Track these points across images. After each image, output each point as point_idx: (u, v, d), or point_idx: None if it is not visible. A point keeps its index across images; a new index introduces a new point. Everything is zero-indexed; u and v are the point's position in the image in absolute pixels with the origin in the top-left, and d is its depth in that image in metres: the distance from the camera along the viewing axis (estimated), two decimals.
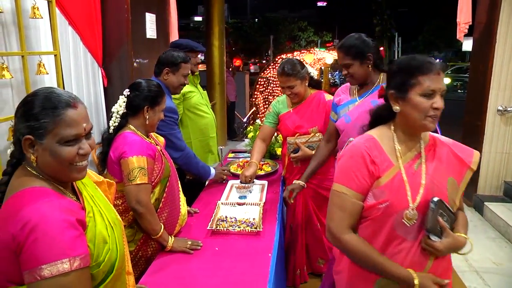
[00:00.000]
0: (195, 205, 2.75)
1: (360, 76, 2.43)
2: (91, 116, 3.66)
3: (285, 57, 10.89)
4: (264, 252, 2.10)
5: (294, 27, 29.83)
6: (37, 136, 1.17)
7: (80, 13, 3.37)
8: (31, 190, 1.16)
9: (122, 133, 2.16)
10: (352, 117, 2.43)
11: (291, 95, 3.03)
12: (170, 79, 2.86)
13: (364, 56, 2.38)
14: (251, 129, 4.06)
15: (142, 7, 4.19)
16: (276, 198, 2.85)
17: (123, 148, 2.07)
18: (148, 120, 2.21)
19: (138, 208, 2.05)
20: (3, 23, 2.66)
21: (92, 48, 3.59)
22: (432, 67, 1.48)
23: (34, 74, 2.83)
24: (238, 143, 8.56)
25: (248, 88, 10.80)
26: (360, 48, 2.38)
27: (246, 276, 1.89)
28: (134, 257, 2.20)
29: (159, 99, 2.25)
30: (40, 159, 1.19)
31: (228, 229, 2.32)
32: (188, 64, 2.91)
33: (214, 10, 7.59)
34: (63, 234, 1.09)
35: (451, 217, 1.57)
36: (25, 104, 1.19)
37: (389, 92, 1.60)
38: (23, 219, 1.08)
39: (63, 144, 1.18)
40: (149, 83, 2.25)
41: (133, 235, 2.21)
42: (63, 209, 1.14)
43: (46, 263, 1.06)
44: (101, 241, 1.24)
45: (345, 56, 2.41)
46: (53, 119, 1.16)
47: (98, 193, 1.43)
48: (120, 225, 1.41)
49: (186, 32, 27.68)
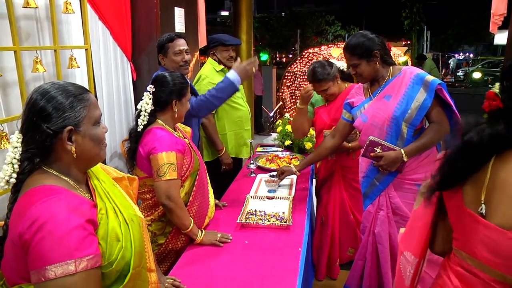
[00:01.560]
0: (223, 198, 2.76)
1: (369, 74, 2.40)
2: (120, 109, 3.70)
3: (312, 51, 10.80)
4: (294, 246, 2.09)
5: (321, 21, 29.53)
6: (75, 125, 1.19)
7: (110, 8, 3.40)
8: (42, 188, 1.16)
9: (150, 129, 2.16)
10: (368, 116, 2.40)
11: (327, 97, 3.05)
12: (167, 64, 2.83)
13: (370, 54, 2.34)
14: (279, 123, 4.05)
15: (171, 2, 4.21)
16: (305, 192, 2.82)
17: (153, 144, 2.07)
18: (177, 113, 2.22)
19: (168, 203, 2.06)
20: (37, 19, 2.70)
21: (121, 42, 3.62)
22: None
23: (66, 68, 2.87)
24: (265, 137, 8.55)
25: (275, 82, 10.76)
26: (366, 47, 2.34)
27: (275, 270, 1.88)
28: (164, 250, 2.21)
29: (184, 90, 2.24)
30: (80, 148, 1.21)
31: (257, 222, 2.31)
32: (176, 41, 2.83)
33: (242, 4, 7.56)
34: (70, 234, 1.08)
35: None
36: (49, 100, 1.18)
37: None
38: (31, 217, 1.08)
39: (96, 125, 1.26)
40: (172, 75, 2.24)
41: (163, 228, 2.22)
42: (72, 208, 1.13)
43: (51, 264, 1.05)
44: (113, 238, 1.23)
45: (352, 57, 2.39)
46: (85, 104, 1.22)
47: (116, 189, 1.42)
48: (139, 222, 1.38)
49: (213, 26, 27.72)
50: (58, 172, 1.22)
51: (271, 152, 3.77)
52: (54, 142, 1.18)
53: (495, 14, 4.85)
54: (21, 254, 1.10)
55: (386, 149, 2.33)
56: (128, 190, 1.55)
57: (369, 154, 2.37)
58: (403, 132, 2.31)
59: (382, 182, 2.44)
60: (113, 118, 3.58)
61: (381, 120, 2.34)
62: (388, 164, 2.32)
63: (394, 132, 2.32)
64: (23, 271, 1.11)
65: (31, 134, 1.17)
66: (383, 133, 2.35)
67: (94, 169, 1.40)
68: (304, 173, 3.22)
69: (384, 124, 2.33)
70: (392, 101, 2.32)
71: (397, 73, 2.38)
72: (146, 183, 2.18)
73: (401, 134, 2.31)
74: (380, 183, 2.44)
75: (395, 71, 2.41)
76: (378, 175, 2.44)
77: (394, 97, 2.33)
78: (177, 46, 2.82)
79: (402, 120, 2.28)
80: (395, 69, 2.42)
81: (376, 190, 2.46)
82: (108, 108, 3.49)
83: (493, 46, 24.76)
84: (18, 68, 2.43)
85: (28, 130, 1.18)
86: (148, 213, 2.21)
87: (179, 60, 2.83)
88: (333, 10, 36.15)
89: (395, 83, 2.36)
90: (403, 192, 2.42)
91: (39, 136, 1.16)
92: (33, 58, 2.55)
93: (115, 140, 3.62)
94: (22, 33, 2.57)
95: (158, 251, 2.20)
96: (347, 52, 2.42)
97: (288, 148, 3.83)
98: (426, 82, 2.24)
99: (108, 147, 3.50)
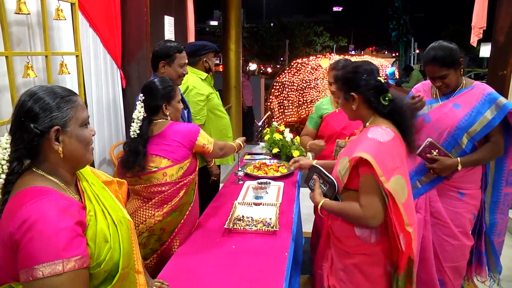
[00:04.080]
0: (212, 204, 2.78)
1: (455, 83, 2.44)
2: (110, 116, 3.72)
3: (301, 61, 10.88)
4: (280, 251, 2.12)
5: (310, 32, 29.75)
6: (62, 126, 1.22)
7: (101, 15, 3.43)
8: (32, 189, 1.18)
9: (169, 124, 2.31)
10: (432, 118, 2.48)
11: (333, 93, 2.99)
12: (167, 72, 2.80)
13: (458, 62, 2.38)
14: (267, 131, 4.08)
15: (161, 10, 4.26)
16: (292, 199, 2.86)
17: (189, 134, 2.32)
18: (170, 115, 2.35)
19: (224, 152, 2.60)
20: (29, 25, 2.72)
21: (111, 49, 3.65)
22: None
23: (57, 74, 2.89)
24: (253, 146, 8.58)
25: (263, 92, 10.82)
26: (454, 56, 2.36)
27: (262, 273, 1.91)
28: (175, 235, 2.32)
29: (172, 93, 2.36)
30: (67, 148, 1.24)
31: (245, 228, 2.34)
32: (183, 54, 2.84)
33: (231, 14, 7.63)
34: (59, 235, 1.10)
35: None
36: (37, 101, 1.20)
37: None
38: (21, 218, 1.10)
39: (83, 127, 1.29)
40: (160, 81, 2.35)
41: (176, 219, 2.31)
42: (62, 210, 1.15)
43: (39, 263, 1.07)
44: (102, 240, 1.25)
45: (441, 68, 2.37)
46: (72, 105, 1.26)
47: (106, 192, 1.44)
48: (127, 224, 1.41)
49: (202, 36, 27.84)
50: (46, 173, 1.24)
51: (258, 160, 3.80)
52: (41, 142, 1.21)
53: (475, 27, 5.00)
54: (11, 254, 1.11)
55: (443, 153, 2.41)
56: (117, 194, 1.57)
57: (425, 155, 2.43)
58: (462, 143, 2.39)
59: (425, 185, 2.51)
60: (102, 125, 3.60)
61: (444, 125, 2.42)
62: (441, 169, 2.40)
63: (453, 141, 2.41)
64: (13, 271, 1.13)
65: (19, 135, 1.20)
66: (442, 138, 2.44)
67: (84, 171, 1.43)
68: (290, 180, 3.26)
69: (446, 130, 2.41)
70: (461, 110, 2.40)
71: (470, 86, 2.46)
72: (166, 173, 2.24)
73: (459, 144, 2.40)
74: (423, 186, 2.51)
75: (467, 83, 2.48)
76: (422, 178, 2.51)
77: (463, 108, 2.40)
78: (184, 58, 2.85)
79: (465, 131, 2.37)
80: (467, 81, 2.49)
81: (416, 192, 2.51)
82: (97, 115, 3.51)
83: (479, 58, 25.14)
84: (9, 73, 2.45)
85: (17, 131, 1.20)
86: (159, 208, 2.26)
87: (181, 72, 2.84)
88: (322, 21, 36.50)
89: (467, 94, 2.43)
90: (444, 198, 2.50)
91: (27, 136, 1.19)
92: (24, 63, 2.56)
93: (104, 146, 3.63)
94: (13, 38, 2.59)
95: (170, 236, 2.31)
96: (436, 64, 2.37)
97: (275, 156, 3.87)
98: (499, 103, 2.33)
99: (97, 153, 3.53)
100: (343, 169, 1.86)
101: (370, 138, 1.79)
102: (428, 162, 2.45)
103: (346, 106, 1.97)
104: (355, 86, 1.89)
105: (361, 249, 1.88)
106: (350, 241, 1.91)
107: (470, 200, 2.51)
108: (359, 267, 1.89)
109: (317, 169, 2.07)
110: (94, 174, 1.50)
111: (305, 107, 12.68)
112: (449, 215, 2.50)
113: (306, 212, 3.99)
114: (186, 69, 2.89)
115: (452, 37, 29.85)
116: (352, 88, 1.90)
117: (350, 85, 1.91)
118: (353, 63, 2.06)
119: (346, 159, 1.85)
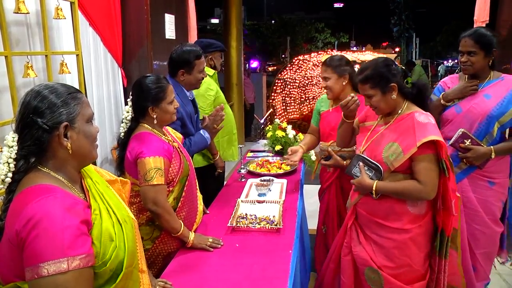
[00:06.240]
0: (214, 203, 2.77)
1: (478, 68, 2.51)
2: (111, 115, 3.70)
3: (302, 58, 10.86)
4: (284, 249, 2.10)
5: (311, 29, 29.73)
6: (70, 122, 1.22)
7: (101, 14, 3.41)
8: (37, 187, 1.18)
9: (138, 133, 2.15)
10: (463, 108, 2.54)
11: (325, 88, 2.89)
12: (187, 79, 2.72)
13: (490, 48, 2.45)
14: (269, 128, 4.07)
15: (162, 8, 4.23)
16: (295, 196, 2.84)
17: (140, 148, 2.06)
18: (157, 118, 2.17)
19: (155, 209, 2.06)
20: (28, 24, 2.71)
21: (112, 48, 3.63)
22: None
23: (57, 74, 2.88)
24: (254, 143, 8.58)
25: (265, 89, 10.80)
26: (491, 41, 2.45)
27: (266, 272, 1.89)
28: (152, 255, 2.21)
29: (161, 94, 2.14)
30: (75, 144, 1.24)
31: (248, 226, 2.33)
32: (202, 59, 2.73)
33: (232, 12, 7.62)
34: (64, 233, 1.10)
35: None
36: (44, 98, 1.20)
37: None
38: (27, 215, 1.10)
39: (89, 123, 1.29)
40: (146, 81, 2.16)
41: (150, 233, 2.22)
42: (67, 208, 1.15)
43: (44, 261, 1.07)
44: (107, 238, 1.24)
45: (475, 44, 2.46)
46: (78, 101, 1.26)
47: (110, 191, 1.44)
48: (132, 223, 1.41)
49: (203, 34, 27.80)
50: (53, 171, 1.24)
51: (261, 157, 3.79)
52: (49, 139, 1.20)
53: (477, 21, 4.97)
54: (16, 252, 1.11)
55: (475, 143, 2.47)
56: (120, 193, 1.57)
57: (459, 145, 2.49)
58: (493, 131, 2.45)
59: (458, 175, 2.54)
60: (103, 124, 3.58)
61: (476, 115, 2.48)
62: (475, 157, 2.47)
63: (484, 129, 2.47)
64: (18, 270, 1.13)
65: (28, 131, 1.20)
66: (473, 128, 2.49)
67: (88, 170, 1.42)
68: (293, 177, 3.24)
69: (478, 119, 2.47)
70: (492, 100, 2.46)
71: (499, 77, 2.54)
72: (133, 188, 2.16)
73: (490, 132, 2.46)
74: (456, 176, 2.51)
75: (495, 74, 2.55)
76: (455, 168, 2.52)
77: (494, 97, 2.47)
78: (203, 63, 2.74)
79: (496, 120, 2.44)
80: (495, 73, 2.56)
81: None
82: (98, 114, 3.50)
83: None
84: (9, 73, 2.43)
85: (25, 127, 1.20)
86: (135, 217, 2.21)
87: (201, 77, 2.75)
88: (323, 17, 36.50)
89: (497, 85, 2.51)
90: (475, 187, 2.57)
91: (36, 132, 1.19)
92: (24, 63, 2.55)
93: (106, 145, 3.62)
94: (13, 38, 2.57)
95: (145, 255, 2.20)
96: (471, 38, 2.47)
97: (278, 153, 3.85)
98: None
99: (98, 152, 3.50)
100: (393, 155, 2.04)
101: (426, 123, 2.00)
102: (461, 152, 2.51)
103: (384, 99, 2.11)
104: (392, 76, 2.09)
105: (416, 222, 2.09)
106: (405, 218, 2.09)
107: (499, 188, 2.58)
108: (414, 239, 2.10)
109: (360, 157, 2.20)
110: (98, 173, 1.49)
111: (307, 104, 12.65)
112: (480, 203, 2.57)
113: (310, 209, 3.98)
114: (205, 72, 2.81)
115: (455, 31, 29.86)
116: (390, 79, 2.08)
117: (388, 77, 2.09)
118: (372, 60, 2.19)
119: (398, 147, 2.03)
